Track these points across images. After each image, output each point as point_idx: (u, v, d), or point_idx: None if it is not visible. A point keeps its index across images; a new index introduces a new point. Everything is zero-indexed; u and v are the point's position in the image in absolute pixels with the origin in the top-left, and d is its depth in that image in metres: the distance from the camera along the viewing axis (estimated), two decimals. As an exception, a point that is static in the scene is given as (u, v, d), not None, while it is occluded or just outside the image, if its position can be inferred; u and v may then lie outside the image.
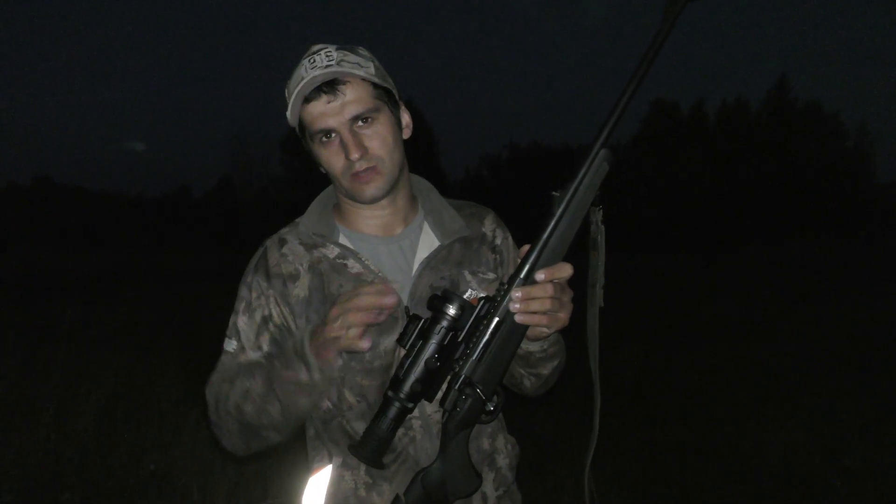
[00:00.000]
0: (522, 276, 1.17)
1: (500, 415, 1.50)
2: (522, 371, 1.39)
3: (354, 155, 1.28)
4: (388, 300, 1.15)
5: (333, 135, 1.30)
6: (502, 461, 1.45)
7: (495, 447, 1.45)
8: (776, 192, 35.55)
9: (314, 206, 1.46)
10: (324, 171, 1.39)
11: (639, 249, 28.11)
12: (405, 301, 1.35)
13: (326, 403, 1.39)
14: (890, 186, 42.44)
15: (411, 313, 1.24)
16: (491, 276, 1.42)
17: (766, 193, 35.41)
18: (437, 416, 1.34)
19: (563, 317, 1.21)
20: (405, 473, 1.32)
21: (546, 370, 1.38)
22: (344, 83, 1.28)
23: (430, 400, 1.23)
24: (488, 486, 1.41)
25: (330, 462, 1.38)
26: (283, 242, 1.41)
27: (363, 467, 1.35)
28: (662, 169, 37.75)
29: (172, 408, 4.64)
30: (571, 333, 1.29)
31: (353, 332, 1.16)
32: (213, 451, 3.76)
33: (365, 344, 1.16)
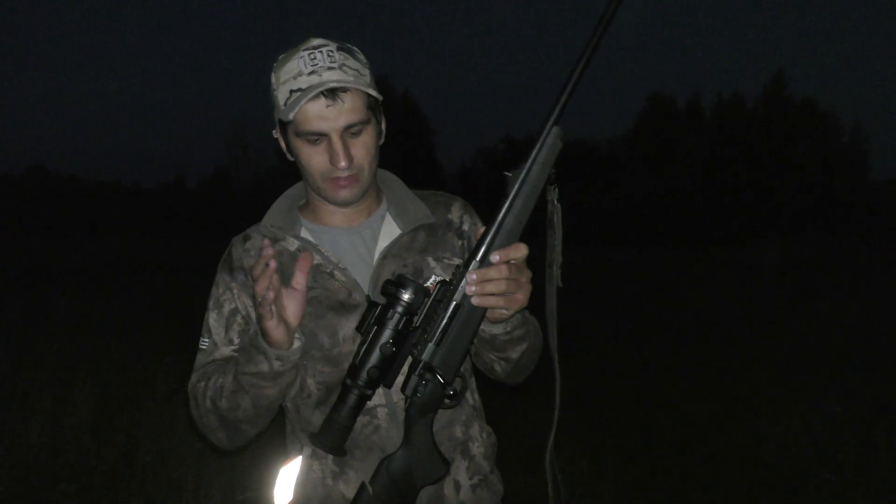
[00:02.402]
0: (478, 258, 1.16)
1: (479, 404, 1.50)
2: (492, 356, 1.37)
3: (342, 164, 1.29)
4: (266, 251, 1.18)
5: (322, 137, 1.30)
6: (476, 449, 1.44)
7: (469, 435, 1.44)
8: (772, 189, 35.60)
9: (278, 204, 1.47)
10: (291, 160, 1.38)
11: (635, 246, 28.17)
12: (366, 290, 1.36)
13: (295, 390, 1.40)
14: (885, 184, 42.51)
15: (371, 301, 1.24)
16: (457, 261, 1.42)
17: (762, 190, 35.45)
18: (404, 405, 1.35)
19: (521, 298, 1.19)
20: (372, 462, 1.31)
21: (515, 353, 1.35)
22: (345, 91, 1.27)
23: (389, 386, 1.23)
24: (461, 475, 1.41)
25: (301, 452, 1.39)
26: (246, 238, 1.44)
27: (331, 457, 1.36)
28: (658, 164, 37.74)
29: (167, 399, 4.63)
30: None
31: (267, 299, 1.18)
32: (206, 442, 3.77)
33: (270, 294, 1.17)
